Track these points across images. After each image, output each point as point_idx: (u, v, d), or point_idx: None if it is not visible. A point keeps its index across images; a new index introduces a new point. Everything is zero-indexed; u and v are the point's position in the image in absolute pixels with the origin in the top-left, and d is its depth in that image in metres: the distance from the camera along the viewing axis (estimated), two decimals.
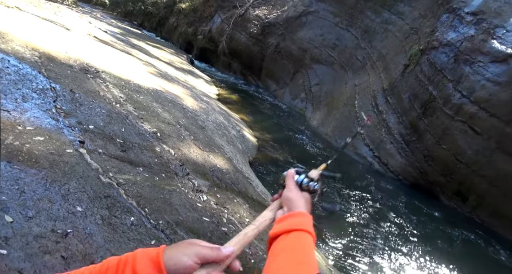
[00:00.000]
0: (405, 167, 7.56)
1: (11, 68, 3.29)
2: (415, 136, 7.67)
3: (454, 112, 6.99)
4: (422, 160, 7.31)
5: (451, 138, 6.89)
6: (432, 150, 7.14)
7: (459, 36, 7.68)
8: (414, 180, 7.39)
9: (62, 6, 11.51)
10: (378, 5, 11.42)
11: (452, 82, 7.35)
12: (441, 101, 7.31)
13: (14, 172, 1.85)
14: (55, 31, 6.06)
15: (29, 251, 1.39)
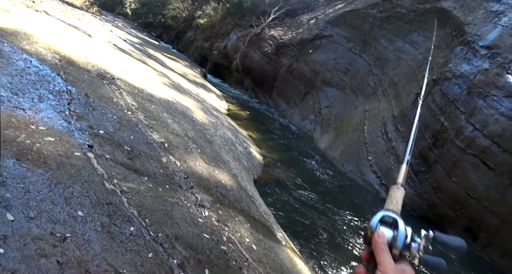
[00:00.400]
0: (413, 198, 7.37)
1: (32, 68, 3.38)
2: (424, 167, 7.52)
3: (465, 145, 6.87)
4: (431, 191, 7.12)
5: (462, 171, 6.73)
6: (442, 182, 6.97)
7: (473, 69, 7.70)
8: (422, 212, 7.16)
9: (86, 14, 12.00)
10: (392, 34, 11.61)
11: (464, 114, 7.29)
12: (453, 133, 7.22)
13: (22, 170, 1.85)
14: (77, 36, 6.28)
15: (25, 253, 1.35)
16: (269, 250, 3.13)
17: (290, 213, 5.43)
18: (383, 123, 9.40)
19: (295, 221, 5.25)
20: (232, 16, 19.78)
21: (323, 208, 5.99)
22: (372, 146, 8.98)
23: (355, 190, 7.61)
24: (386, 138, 8.89)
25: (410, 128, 5.71)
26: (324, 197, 6.57)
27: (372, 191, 7.84)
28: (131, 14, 30.05)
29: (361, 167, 8.62)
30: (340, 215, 5.93)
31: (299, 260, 3.65)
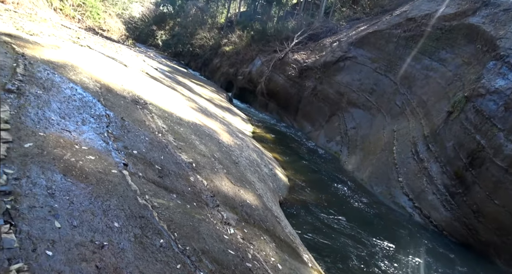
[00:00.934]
0: (451, 222, 6.88)
1: (77, 95, 3.77)
2: (461, 188, 7.07)
3: (507, 164, 6.43)
4: (471, 215, 6.63)
5: (505, 193, 6.25)
6: (483, 205, 6.49)
7: (509, 84, 7.37)
8: (463, 238, 6.64)
9: (123, 46, 13.12)
10: (418, 52, 11.48)
11: (503, 132, 6.89)
12: (491, 152, 6.81)
13: (67, 185, 2.05)
14: (115, 66, 6.88)
15: (69, 257, 1.49)
16: (295, 270, 3.07)
17: (317, 236, 5.29)
18: (413, 143, 9.08)
19: (322, 244, 5.09)
20: (256, 43, 20.63)
21: (352, 232, 5.76)
22: (402, 167, 8.64)
23: (386, 213, 7.26)
24: (417, 159, 8.53)
25: (443, 147, 5.54)
26: (352, 220, 6.34)
27: (404, 214, 7.44)
28: (162, 45, 32.33)
29: (391, 189, 8.27)
30: (369, 240, 5.66)
31: None
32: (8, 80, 3.19)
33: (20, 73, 3.50)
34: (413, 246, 5.91)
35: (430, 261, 5.52)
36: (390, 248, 5.54)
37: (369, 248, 5.34)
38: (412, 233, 6.55)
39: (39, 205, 1.75)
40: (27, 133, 2.45)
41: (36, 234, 1.54)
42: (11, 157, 2.05)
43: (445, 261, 5.74)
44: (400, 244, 5.86)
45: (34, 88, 3.33)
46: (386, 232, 6.22)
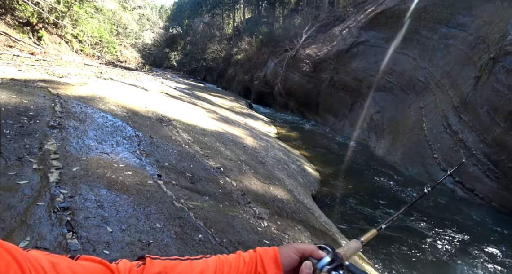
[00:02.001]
0: (498, 192, 6.50)
1: (108, 122, 4.16)
2: (504, 155, 6.67)
3: None
4: None
5: None
6: None
7: None
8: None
9: (141, 73, 13.95)
10: (433, 22, 11.02)
11: None
12: None
13: (112, 197, 2.33)
14: (136, 92, 7.40)
15: (123, 253, 1.73)
16: None
17: (356, 224, 5.27)
18: (444, 116, 8.71)
19: (362, 232, 5.06)
20: (266, 46, 20.85)
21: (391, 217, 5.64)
22: (436, 142, 8.31)
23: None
24: (450, 131, 8.17)
25: (476, 115, 5.34)
26: (390, 204, 6.21)
27: (445, 191, 7.14)
28: (177, 65, 33.67)
29: (427, 167, 7.98)
30: (412, 222, 5.51)
31: (368, 267, 3.53)
32: (50, 118, 3.63)
33: (58, 111, 3.95)
34: (460, 223, 5.67)
35: (481, 236, 5.26)
36: (435, 229, 5.36)
37: (412, 230, 5.21)
38: (457, 209, 6.28)
39: (92, 215, 2.03)
40: (73, 159, 2.80)
41: (94, 238, 1.80)
42: (64, 180, 2.38)
43: (497, 233, 5.44)
44: (446, 222, 5.65)
45: (72, 121, 3.75)
46: (429, 212, 6.02)
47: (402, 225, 5.32)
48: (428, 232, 5.15)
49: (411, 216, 5.67)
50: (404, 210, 1.12)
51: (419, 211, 5.99)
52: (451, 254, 4.59)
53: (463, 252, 4.67)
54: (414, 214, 5.82)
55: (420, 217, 5.70)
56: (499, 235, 5.35)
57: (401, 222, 5.41)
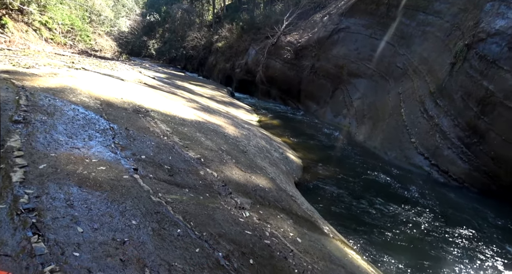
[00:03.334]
0: (470, 173, 6.81)
1: (80, 115, 3.96)
2: (476, 138, 6.96)
3: None
4: (490, 162, 6.54)
5: None
6: (500, 150, 6.37)
7: (509, 22, 7.09)
8: (484, 187, 6.58)
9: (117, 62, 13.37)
10: (411, 9, 11.13)
11: (510, 73, 6.69)
12: (501, 95, 6.64)
13: (84, 194, 2.22)
14: (112, 82, 7.08)
15: (95, 254, 1.65)
16: (315, 242, 3.18)
17: (338, 209, 5.38)
18: (421, 101, 8.92)
19: (344, 215, 5.18)
20: (247, 33, 20.47)
21: (373, 201, 5.81)
22: (413, 127, 8.54)
23: (404, 176, 7.24)
24: (427, 116, 8.41)
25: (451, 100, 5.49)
26: (371, 188, 6.38)
27: (422, 174, 7.40)
28: (155, 54, 32.54)
29: (405, 151, 8.22)
30: (391, 204, 5.69)
31: (350, 250, 3.62)
32: (14, 112, 3.40)
33: (23, 104, 3.71)
34: (435, 203, 5.91)
35: (454, 215, 5.52)
36: (412, 209, 5.57)
37: (391, 212, 5.39)
38: (432, 190, 6.54)
39: (61, 215, 1.92)
40: (40, 156, 2.64)
41: (63, 240, 1.71)
42: (29, 179, 2.24)
43: (468, 211, 5.73)
44: (422, 203, 5.88)
45: (39, 115, 3.53)
46: (406, 194, 6.23)
47: (380, 208, 5.49)
48: (405, 214, 5.33)
49: (389, 200, 5.85)
50: None
51: (397, 195, 6.19)
52: (427, 233, 4.79)
53: (438, 230, 4.89)
54: (392, 197, 6.01)
55: (398, 200, 5.89)
56: (470, 212, 5.64)
57: (380, 206, 5.58)
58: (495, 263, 4.18)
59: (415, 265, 3.99)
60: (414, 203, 5.82)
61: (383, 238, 4.55)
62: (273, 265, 2.31)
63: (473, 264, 4.13)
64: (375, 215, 5.22)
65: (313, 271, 2.51)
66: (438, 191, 6.51)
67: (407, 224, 5.00)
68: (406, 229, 4.85)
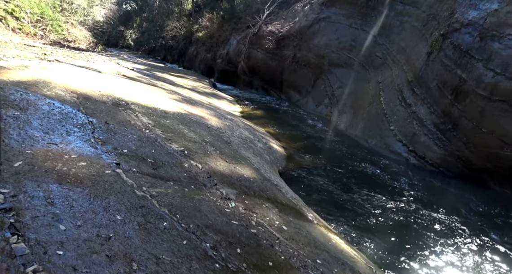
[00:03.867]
0: (445, 158, 7.15)
1: (56, 109, 3.80)
2: (450, 124, 7.27)
3: (489, 93, 6.58)
4: (463, 147, 6.88)
5: (490, 120, 6.45)
6: (472, 136, 6.71)
7: (481, 13, 7.36)
8: (458, 170, 6.93)
9: (93, 54, 12.84)
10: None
11: (481, 62, 6.98)
12: (473, 83, 6.94)
13: (64, 191, 2.16)
14: (88, 75, 6.81)
15: (80, 252, 1.63)
16: (300, 229, 3.27)
17: (321, 196, 5.52)
18: (399, 90, 9.18)
19: (327, 202, 5.32)
20: (228, 22, 20.11)
21: (354, 187, 6.00)
22: (392, 115, 8.80)
23: (383, 162, 7.50)
24: (405, 104, 8.67)
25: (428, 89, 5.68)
26: (352, 175, 6.57)
27: (400, 160, 7.69)
28: (133, 44, 31.42)
29: (385, 138, 8.48)
30: (371, 190, 5.90)
31: (333, 235, 3.75)
32: None
33: None
34: (412, 188, 6.19)
35: (430, 198, 5.80)
36: (391, 194, 5.80)
37: (371, 198, 5.59)
38: (410, 175, 6.82)
39: (41, 214, 1.87)
40: (14, 153, 2.53)
41: (44, 239, 1.67)
42: (4, 177, 2.15)
43: (444, 194, 6.05)
44: (400, 188, 6.13)
45: (11, 110, 3.36)
46: (386, 180, 6.47)
47: (362, 194, 5.68)
48: (385, 199, 5.55)
49: (369, 186, 6.06)
50: None
51: (377, 181, 6.42)
52: (406, 216, 5.03)
53: (416, 213, 5.14)
54: (373, 183, 6.23)
55: (378, 186, 6.11)
56: (446, 195, 5.97)
57: (361, 192, 5.77)
58: (469, 241, 4.46)
59: (395, 246, 4.19)
60: (393, 188, 6.06)
61: (365, 223, 4.73)
62: (260, 253, 2.36)
63: (449, 242, 4.39)
64: (357, 201, 5.41)
65: (299, 257, 2.59)
66: (416, 176, 6.81)
67: (386, 208, 5.21)
68: (386, 213, 5.06)
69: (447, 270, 3.83)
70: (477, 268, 3.90)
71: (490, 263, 4.02)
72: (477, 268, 3.90)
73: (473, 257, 4.12)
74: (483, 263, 4.01)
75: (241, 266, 2.09)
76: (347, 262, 3.01)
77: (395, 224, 4.76)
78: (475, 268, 3.89)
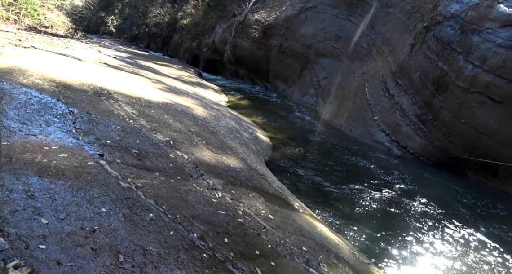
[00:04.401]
0: (425, 147, 7.39)
1: (33, 99, 3.64)
2: (431, 115, 7.49)
3: (468, 84, 6.80)
4: (442, 137, 7.12)
5: (469, 111, 6.69)
6: (451, 126, 6.95)
7: (463, 7, 7.51)
8: (437, 159, 7.20)
9: (72, 40, 12.29)
10: None
11: (462, 54, 7.17)
12: (453, 75, 7.14)
13: (45, 184, 2.10)
14: (68, 62, 6.54)
15: (63, 245, 1.60)
16: (286, 217, 3.33)
17: (306, 185, 5.62)
18: (383, 81, 9.33)
19: (312, 191, 5.43)
20: (214, 10, 19.64)
21: (339, 176, 6.13)
22: (376, 106, 8.97)
23: (367, 152, 7.69)
24: (388, 95, 8.84)
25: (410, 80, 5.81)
26: (337, 164, 6.70)
27: (383, 149, 7.90)
28: (115, 31, 30.24)
29: (369, 128, 8.66)
30: (354, 178, 6.06)
31: (319, 224, 3.84)
32: None
33: None
34: (394, 176, 6.39)
35: (410, 186, 6.02)
36: (373, 183, 5.97)
37: (354, 186, 5.74)
38: (392, 164, 7.03)
39: (21, 208, 1.81)
40: None
41: (25, 233, 1.63)
42: None
43: (424, 182, 6.29)
44: (383, 177, 6.32)
45: None
46: (369, 169, 6.65)
47: (346, 183, 5.82)
48: (369, 187, 5.72)
49: (353, 175, 6.22)
50: None
51: (361, 170, 6.58)
52: (388, 204, 5.20)
53: (398, 201, 5.33)
54: (356, 172, 6.39)
55: (362, 174, 6.27)
56: (426, 182, 6.21)
57: (345, 181, 5.91)
58: (447, 226, 4.68)
59: (376, 233, 4.35)
60: (375, 177, 6.23)
61: (348, 211, 4.87)
62: (247, 242, 2.39)
63: (428, 227, 4.59)
64: (341, 190, 5.54)
65: (285, 245, 2.65)
66: (398, 165, 7.02)
67: (369, 197, 5.37)
68: (368, 201, 5.22)
69: (425, 253, 4.02)
70: (453, 252, 4.11)
71: (467, 247, 4.25)
72: (454, 252, 4.11)
73: (449, 241, 4.34)
74: (460, 247, 4.23)
75: (228, 255, 2.11)
76: (332, 249, 3.10)
77: (377, 211, 4.93)
78: (451, 251, 4.11)
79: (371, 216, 4.79)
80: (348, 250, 3.45)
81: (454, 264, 3.86)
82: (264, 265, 2.19)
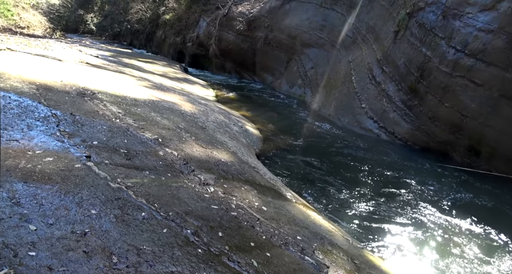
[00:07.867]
0: (412, 132, 7.53)
1: (13, 103, 3.53)
2: (416, 100, 7.62)
3: (451, 69, 6.92)
4: (428, 122, 7.27)
5: (452, 95, 6.83)
6: (436, 111, 7.09)
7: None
8: (424, 144, 7.35)
9: (51, 41, 11.91)
10: None
11: (444, 39, 7.28)
12: (437, 60, 7.25)
13: (31, 190, 2.05)
14: (48, 64, 6.34)
15: (54, 251, 1.58)
16: (280, 208, 3.36)
17: (298, 175, 5.67)
18: (369, 68, 9.40)
19: (304, 180, 5.48)
20: (196, 3, 19.28)
21: (329, 164, 6.20)
22: (363, 93, 9.05)
23: (356, 140, 7.79)
24: (375, 83, 8.93)
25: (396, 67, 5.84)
26: (328, 154, 6.78)
27: (372, 136, 8.02)
28: (96, 29, 29.39)
29: (357, 116, 8.76)
30: (344, 166, 6.15)
31: (312, 212, 3.90)
32: None
33: None
34: (383, 162, 6.51)
35: (399, 170, 6.15)
36: (364, 170, 6.07)
37: (345, 173, 5.83)
38: (380, 150, 7.16)
39: (7, 215, 1.77)
40: None
41: (13, 241, 1.59)
42: None
43: (412, 166, 6.43)
44: (372, 163, 6.42)
45: None
46: (358, 156, 6.75)
47: (337, 171, 5.90)
48: (359, 174, 5.81)
49: (344, 163, 6.30)
50: None
51: (351, 157, 6.67)
52: (379, 189, 5.31)
53: (387, 185, 5.44)
54: (347, 160, 6.48)
55: (352, 162, 6.36)
56: (414, 166, 6.36)
57: (336, 169, 5.99)
58: (436, 208, 4.81)
59: (368, 219, 4.44)
60: (365, 164, 6.33)
61: (340, 198, 4.95)
62: (241, 234, 2.41)
63: (418, 211, 4.72)
64: (332, 178, 5.61)
65: (279, 235, 2.68)
66: (387, 151, 7.15)
67: (359, 183, 5.47)
68: (360, 188, 5.32)
69: (416, 237, 4.14)
70: (442, 233, 4.25)
71: (456, 230, 4.39)
72: (442, 233, 4.25)
73: (439, 223, 4.47)
74: (445, 227, 4.37)
75: (223, 248, 2.12)
76: (326, 236, 3.15)
77: (367, 197, 5.03)
78: (440, 234, 4.24)
79: (362, 202, 4.88)
80: (342, 236, 3.52)
81: (440, 243, 3.99)
82: (259, 256, 2.21)
